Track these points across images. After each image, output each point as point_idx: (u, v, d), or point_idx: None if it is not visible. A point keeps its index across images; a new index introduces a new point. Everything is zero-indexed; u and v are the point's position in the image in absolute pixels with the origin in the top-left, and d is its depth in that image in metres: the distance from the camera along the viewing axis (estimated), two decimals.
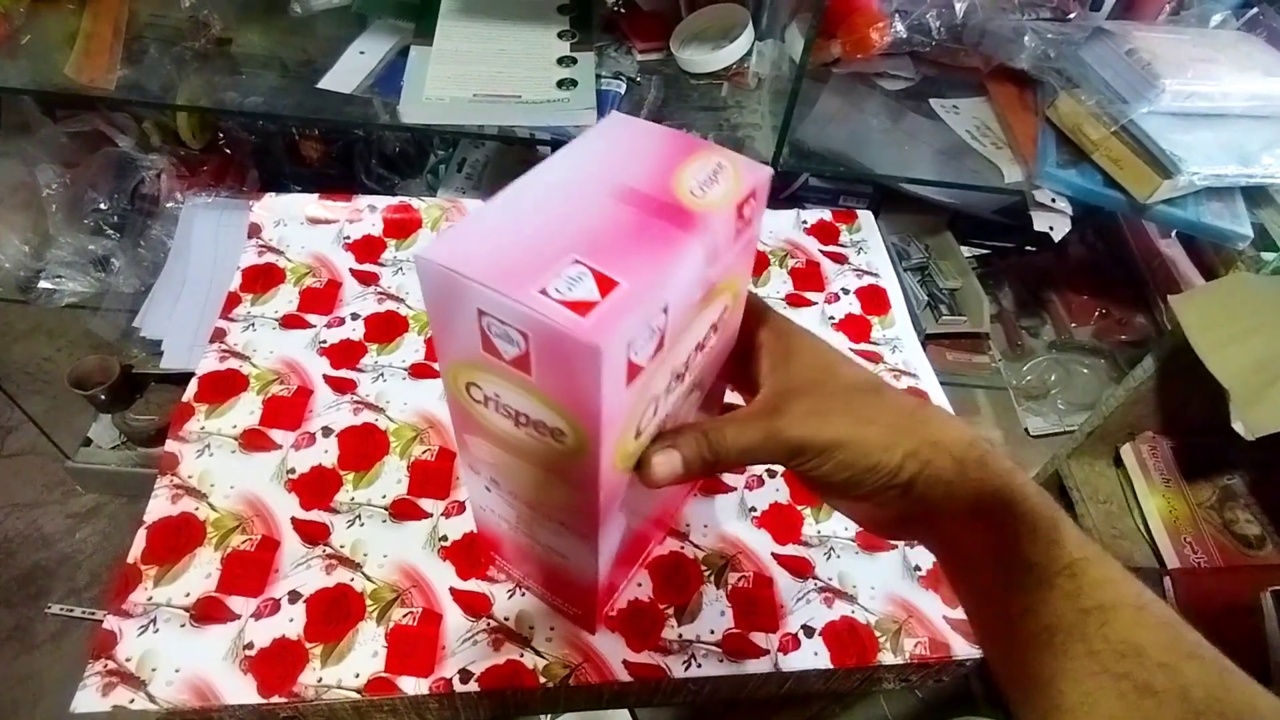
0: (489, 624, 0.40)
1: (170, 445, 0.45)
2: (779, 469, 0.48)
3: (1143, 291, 1.09)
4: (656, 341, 0.25)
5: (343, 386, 0.49)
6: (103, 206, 1.02)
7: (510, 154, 1.14)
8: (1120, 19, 0.86)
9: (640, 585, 0.43)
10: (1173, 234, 1.05)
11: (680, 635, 0.41)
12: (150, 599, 0.39)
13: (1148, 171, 0.74)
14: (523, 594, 0.41)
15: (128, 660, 0.37)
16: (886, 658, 0.41)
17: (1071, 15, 0.85)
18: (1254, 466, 0.84)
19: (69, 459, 1.05)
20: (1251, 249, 0.77)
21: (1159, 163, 0.73)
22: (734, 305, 0.31)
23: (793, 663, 0.41)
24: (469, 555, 0.43)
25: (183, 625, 0.39)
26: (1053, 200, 0.80)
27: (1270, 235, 0.77)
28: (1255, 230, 0.76)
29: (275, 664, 0.38)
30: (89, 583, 1.03)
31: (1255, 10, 0.84)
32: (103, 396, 0.96)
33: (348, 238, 0.59)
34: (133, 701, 0.36)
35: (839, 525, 0.46)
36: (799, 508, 0.47)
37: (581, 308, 0.23)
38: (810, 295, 0.59)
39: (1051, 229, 0.81)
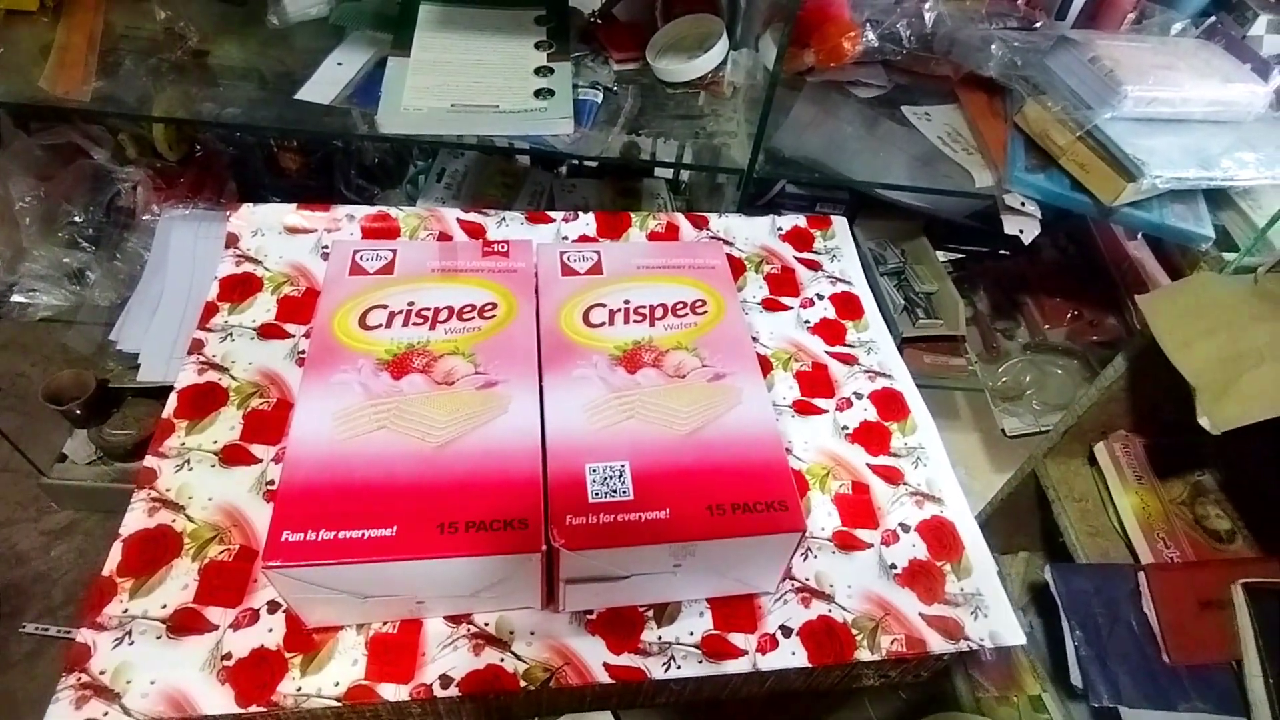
0: (469, 629, 0.41)
1: (149, 461, 0.45)
2: None
3: (1113, 293, 1.11)
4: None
5: None
6: (78, 219, 1.01)
7: (490, 164, 1.15)
8: (1084, 28, 0.89)
9: None
10: (1139, 236, 1.08)
11: (660, 637, 0.42)
12: (125, 611, 0.39)
13: (1112, 175, 0.76)
14: None
15: (102, 673, 0.37)
16: (864, 655, 0.42)
17: (1037, 24, 0.87)
18: (1223, 463, 0.85)
19: (44, 475, 1.03)
20: (1214, 249, 0.79)
21: (1123, 167, 0.75)
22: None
23: (771, 662, 0.41)
24: None
25: (159, 637, 0.38)
26: (1022, 204, 0.82)
27: (1231, 236, 0.79)
28: (1217, 231, 0.78)
29: (254, 674, 0.38)
30: (64, 601, 1.01)
31: (1214, 19, 0.87)
32: (78, 411, 0.95)
33: (326, 247, 0.59)
34: (106, 715, 0.36)
35: (816, 525, 0.47)
36: None
37: None
38: (785, 300, 0.60)
39: (1021, 232, 0.83)
